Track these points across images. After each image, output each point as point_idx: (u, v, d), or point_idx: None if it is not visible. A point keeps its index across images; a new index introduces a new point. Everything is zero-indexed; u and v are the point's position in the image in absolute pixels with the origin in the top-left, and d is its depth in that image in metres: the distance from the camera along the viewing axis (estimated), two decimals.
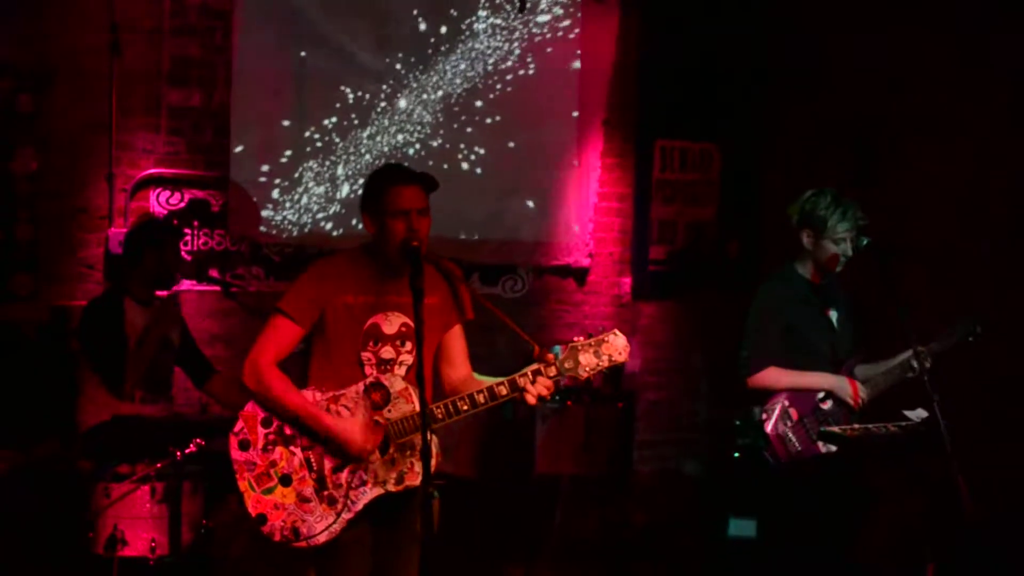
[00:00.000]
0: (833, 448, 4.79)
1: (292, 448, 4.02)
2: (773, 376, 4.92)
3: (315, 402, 4.03)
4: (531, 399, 4.00)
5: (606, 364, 4.05)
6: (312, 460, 4.01)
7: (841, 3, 7.22)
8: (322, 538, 3.97)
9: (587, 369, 4.03)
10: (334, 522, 3.97)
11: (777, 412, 4.86)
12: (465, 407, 4.02)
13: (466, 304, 4.26)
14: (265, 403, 4.03)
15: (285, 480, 3.99)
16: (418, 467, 3.99)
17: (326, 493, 3.99)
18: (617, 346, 4.04)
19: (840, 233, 4.94)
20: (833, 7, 7.21)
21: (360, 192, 4.21)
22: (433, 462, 3.89)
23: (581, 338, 4.08)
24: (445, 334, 4.24)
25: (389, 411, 4.04)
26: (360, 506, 4.00)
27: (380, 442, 4.01)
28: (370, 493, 4.00)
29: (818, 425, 4.86)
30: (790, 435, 4.84)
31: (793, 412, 4.88)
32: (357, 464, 4.00)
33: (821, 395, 4.94)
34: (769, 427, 4.84)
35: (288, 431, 4.02)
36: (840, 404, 4.95)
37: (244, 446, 4.02)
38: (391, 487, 4.02)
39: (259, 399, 4.03)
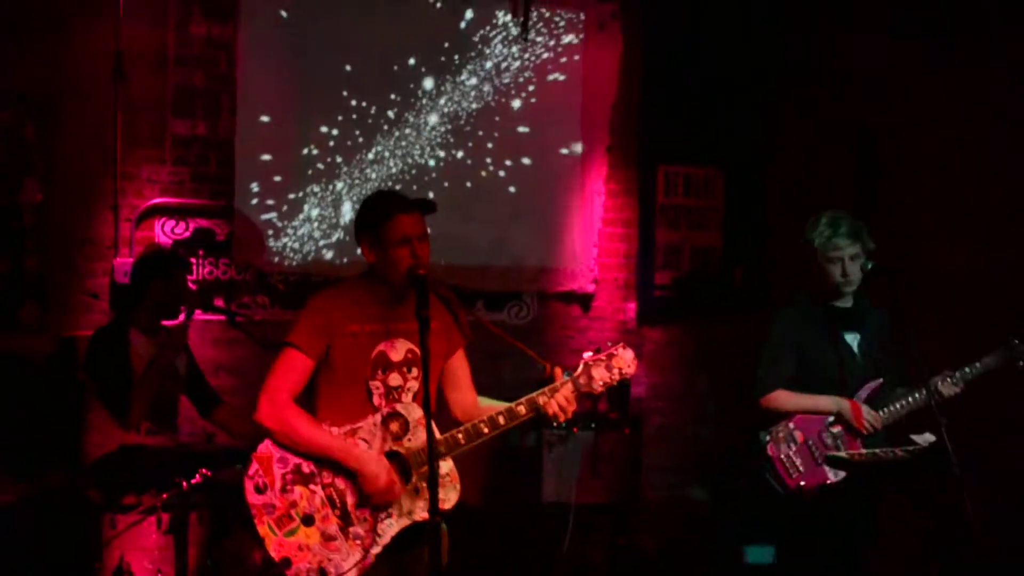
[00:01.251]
0: (840, 474, 4.78)
1: (312, 487, 3.94)
2: (781, 398, 4.96)
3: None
4: (559, 412, 4.00)
5: (617, 377, 4.12)
6: (334, 497, 3.95)
7: (843, 19, 7.23)
8: (351, 575, 3.90)
9: (600, 383, 4.10)
10: (363, 558, 3.90)
11: (781, 434, 4.88)
12: (487, 430, 4.00)
13: (465, 327, 4.26)
14: (289, 442, 3.94)
15: (307, 520, 3.91)
16: (442, 494, 3.88)
17: (352, 529, 3.92)
18: (626, 359, 4.13)
19: (830, 252, 4.93)
20: (836, 20, 7.23)
21: (355, 219, 4.18)
22: (459, 487, 3.92)
23: (591, 353, 4.14)
24: (449, 359, 4.24)
25: (409, 440, 4.01)
26: (388, 539, 3.93)
27: (398, 496, 3.96)
28: (397, 525, 3.95)
29: (825, 449, 4.86)
30: (793, 458, 4.84)
31: (799, 435, 4.89)
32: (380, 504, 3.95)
33: (831, 419, 4.93)
34: (771, 449, 4.86)
35: (306, 469, 3.95)
36: (850, 429, 4.93)
37: (260, 489, 3.91)
38: (417, 516, 3.96)
39: (280, 438, 3.95)
